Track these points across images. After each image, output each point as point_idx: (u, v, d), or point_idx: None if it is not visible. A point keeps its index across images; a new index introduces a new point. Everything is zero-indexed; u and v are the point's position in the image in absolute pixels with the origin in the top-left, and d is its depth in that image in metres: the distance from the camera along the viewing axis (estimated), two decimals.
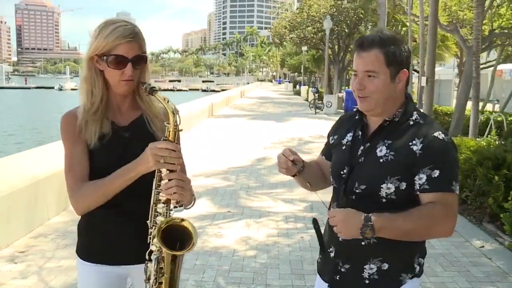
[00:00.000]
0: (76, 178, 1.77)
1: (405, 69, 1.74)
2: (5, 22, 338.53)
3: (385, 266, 1.74)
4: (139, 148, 1.69)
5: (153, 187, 1.70)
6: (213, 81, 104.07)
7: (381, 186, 1.68)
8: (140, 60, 1.77)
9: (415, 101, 11.61)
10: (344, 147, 1.86)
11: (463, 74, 11.42)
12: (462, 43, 11.51)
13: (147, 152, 1.64)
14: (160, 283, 1.70)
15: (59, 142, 7.39)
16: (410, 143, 1.68)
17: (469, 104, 12.63)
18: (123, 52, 1.71)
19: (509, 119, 12.01)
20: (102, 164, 1.78)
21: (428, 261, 4.46)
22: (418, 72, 12.28)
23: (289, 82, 67.22)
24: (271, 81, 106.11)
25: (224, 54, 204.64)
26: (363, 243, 1.70)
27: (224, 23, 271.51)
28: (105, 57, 1.72)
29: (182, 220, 1.69)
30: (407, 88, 1.84)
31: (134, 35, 1.73)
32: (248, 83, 74.11)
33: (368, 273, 1.75)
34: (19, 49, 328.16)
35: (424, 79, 8.42)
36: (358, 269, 1.76)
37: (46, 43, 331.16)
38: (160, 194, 1.70)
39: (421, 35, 10.40)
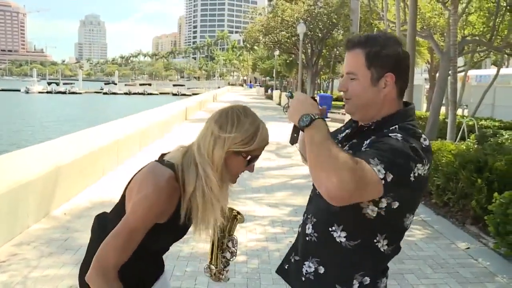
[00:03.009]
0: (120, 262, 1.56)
1: (390, 73, 1.55)
2: None
3: (321, 269, 1.63)
4: None
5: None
6: (183, 85, 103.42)
7: None
8: None
9: None
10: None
11: (437, 79, 11.66)
12: (437, 49, 11.75)
13: None
14: None
15: (35, 146, 7.17)
16: (363, 144, 1.53)
17: (443, 109, 12.98)
18: (259, 153, 1.69)
19: (480, 123, 12.33)
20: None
21: (417, 263, 4.54)
22: None
23: (261, 86, 67.42)
24: (242, 85, 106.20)
25: (195, 58, 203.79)
26: (307, 238, 1.67)
27: (195, 26, 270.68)
28: (245, 154, 1.63)
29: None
30: (402, 95, 1.64)
31: None
32: (219, 87, 74.00)
33: (306, 270, 1.67)
34: None
35: None
36: (300, 263, 1.71)
37: (11, 45, 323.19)
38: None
39: None
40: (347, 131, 1.75)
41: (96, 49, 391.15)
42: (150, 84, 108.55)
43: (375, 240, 1.54)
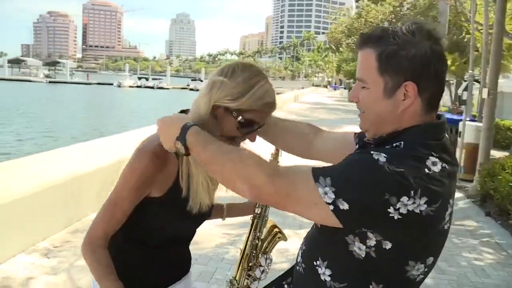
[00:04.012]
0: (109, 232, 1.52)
1: (411, 82, 1.18)
2: (73, 21, 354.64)
3: None
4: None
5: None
6: None
7: None
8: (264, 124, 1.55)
9: (474, 113, 10.92)
10: None
11: None
12: None
13: None
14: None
15: (107, 138, 7.46)
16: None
17: None
18: (260, 119, 1.48)
19: None
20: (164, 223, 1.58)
21: None
22: (479, 82, 11.61)
23: (345, 88, 66.27)
24: (326, 87, 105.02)
25: (281, 58, 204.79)
26: (297, 267, 1.42)
27: (282, 26, 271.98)
28: (235, 113, 1.43)
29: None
30: (432, 108, 1.24)
31: (276, 104, 1.51)
32: (303, 88, 73.63)
33: None
34: (83, 46, 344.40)
35: (485, 91, 7.89)
36: None
37: (109, 41, 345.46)
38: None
39: (485, 44, 9.82)
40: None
41: (185, 46, 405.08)
42: None
43: None
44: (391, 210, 1.09)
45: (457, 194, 7.66)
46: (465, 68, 15.13)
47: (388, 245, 1.15)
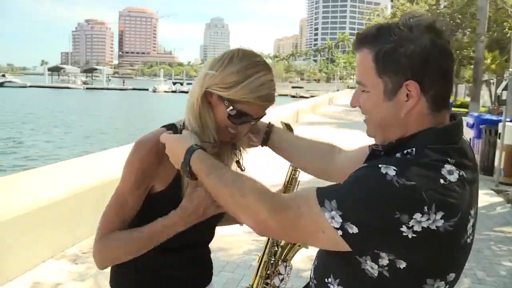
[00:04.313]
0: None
1: (412, 80, 1.09)
2: (110, 28, 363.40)
3: None
4: None
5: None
6: (302, 87, 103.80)
7: None
8: (260, 118, 1.49)
9: None
10: None
11: None
12: None
13: None
14: None
15: (129, 145, 7.52)
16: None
17: None
18: (253, 112, 1.40)
19: None
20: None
21: None
22: None
23: None
24: None
25: (315, 60, 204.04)
26: (310, 282, 1.34)
27: (316, 29, 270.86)
28: (226, 102, 1.37)
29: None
30: (440, 107, 1.14)
31: (274, 98, 1.44)
32: (338, 90, 73.05)
33: None
34: (120, 52, 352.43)
35: None
36: None
37: (145, 47, 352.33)
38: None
39: None
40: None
41: (220, 50, 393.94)
42: None
43: None
44: (403, 229, 0.99)
45: (497, 199, 7.35)
46: (506, 67, 14.58)
47: (402, 264, 1.06)
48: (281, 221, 1.11)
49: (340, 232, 1.03)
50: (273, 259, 1.69)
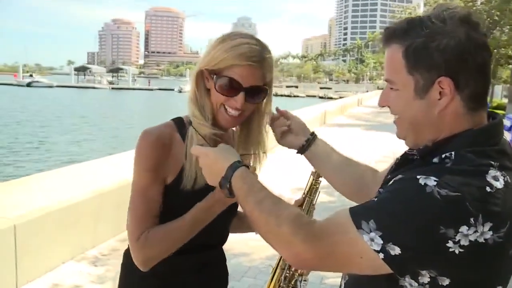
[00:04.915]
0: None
1: (445, 77, 1.00)
2: (136, 28, 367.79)
3: None
4: None
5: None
6: (330, 88, 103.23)
7: None
8: (257, 92, 1.39)
9: None
10: None
11: None
12: None
13: None
14: None
15: None
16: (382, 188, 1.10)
17: None
18: (239, 77, 1.33)
19: None
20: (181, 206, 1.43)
21: None
22: None
23: None
24: None
25: (344, 61, 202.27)
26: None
27: (345, 28, 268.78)
28: (214, 76, 1.36)
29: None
30: (477, 106, 1.04)
31: (260, 60, 1.34)
32: (367, 91, 72.19)
33: None
34: (146, 52, 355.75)
35: None
36: None
37: (171, 47, 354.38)
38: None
39: None
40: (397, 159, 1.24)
41: None
42: (297, 87, 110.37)
43: None
44: (450, 244, 0.91)
45: None
46: None
47: (445, 282, 0.96)
48: (317, 252, 1.02)
49: (381, 255, 0.94)
50: (288, 271, 1.50)
